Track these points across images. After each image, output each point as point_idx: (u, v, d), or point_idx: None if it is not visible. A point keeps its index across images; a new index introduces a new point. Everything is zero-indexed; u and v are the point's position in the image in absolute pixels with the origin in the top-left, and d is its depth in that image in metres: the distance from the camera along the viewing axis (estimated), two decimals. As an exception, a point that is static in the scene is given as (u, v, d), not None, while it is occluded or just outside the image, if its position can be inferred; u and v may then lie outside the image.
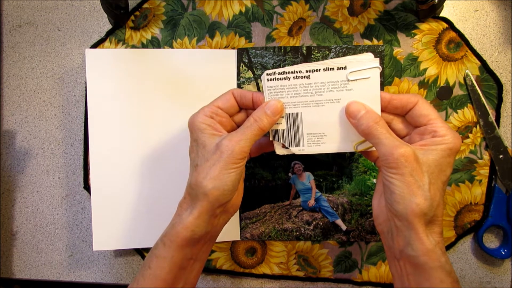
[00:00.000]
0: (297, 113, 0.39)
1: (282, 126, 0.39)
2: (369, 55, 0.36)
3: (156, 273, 0.36)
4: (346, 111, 0.37)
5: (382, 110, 0.37)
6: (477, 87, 0.49)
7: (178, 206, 0.38)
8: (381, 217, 0.36)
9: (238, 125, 0.40)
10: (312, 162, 0.50)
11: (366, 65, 0.36)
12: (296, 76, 0.37)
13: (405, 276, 0.34)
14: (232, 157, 0.35)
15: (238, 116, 0.40)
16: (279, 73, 0.38)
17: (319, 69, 0.37)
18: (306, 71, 0.37)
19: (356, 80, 0.37)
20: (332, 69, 0.37)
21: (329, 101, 0.38)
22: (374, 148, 0.38)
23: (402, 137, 0.37)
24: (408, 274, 0.34)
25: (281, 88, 0.38)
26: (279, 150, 0.41)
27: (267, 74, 0.38)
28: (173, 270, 0.36)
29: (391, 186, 0.33)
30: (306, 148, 0.40)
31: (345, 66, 0.36)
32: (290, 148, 0.40)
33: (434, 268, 0.32)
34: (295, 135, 0.39)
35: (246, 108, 0.40)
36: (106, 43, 0.51)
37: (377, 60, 0.36)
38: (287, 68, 0.37)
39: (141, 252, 0.52)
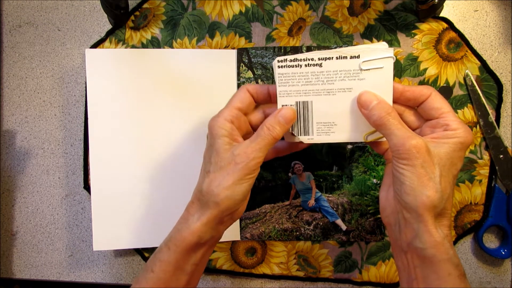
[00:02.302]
0: (307, 102, 0.38)
1: None
2: (383, 44, 0.36)
3: (159, 276, 0.36)
4: (358, 101, 0.37)
5: (394, 101, 0.37)
6: (477, 87, 0.49)
7: (185, 210, 0.38)
8: (388, 209, 0.36)
9: (254, 128, 0.40)
10: (312, 162, 0.50)
11: (379, 54, 0.36)
12: (308, 64, 0.37)
13: (412, 269, 0.34)
14: (247, 168, 0.35)
15: (255, 117, 0.40)
16: (291, 60, 0.37)
17: (332, 57, 0.36)
18: (318, 59, 0.37)
19: (369, 69, 0.36)
20: (345, 57, 0.36)
21: (341, 90, 0.37)
22: (384, 139, 0.38)
23: (413, 130, 0.37)
24: (415, 267, 0.33)
25: (292, 76, 0.38)
26: (288, 138, 0.40)
27: (278, 61, 0.37)
28: (176, 273, 0.36)
29: (402, 177, 0.32)
30: (316, 137, 0.39)
31: (358, 55, 0.36)
32: (299, 136, 0.40)
33: (442, 260, 0.32)
34: (304, 123, 0.39)
35: (263, 102, 0.40)
36: (106, 43, 0.51)
37: (392, 49, 0.35)
38: (299, 55, 0.37)
39: (141, 252, 0.52)
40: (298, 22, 0.51)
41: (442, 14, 0.50)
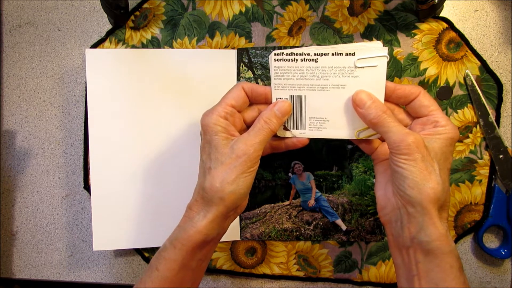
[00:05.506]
0: (301, 96, 0.39)
1: None
2: (378, 43, 0.37)
3: (164, 275, 0.36)
4: (353, 100, 0.37)
5: (386, 99, 0.37)
6: (477, 87, 0.49)
7: (188, 208, 0.38)
8: (388, 207, 0.36)
9: (247, 124, 0.40)
10: (312, 162, 0.50)
11: (374, 53, 0.36)
12: (304, 59, 0.38)
13: (413, 265, 0.34)
14: (249, 161, 0.35)
15: (249, 115, 0.40)
16: (287, 54, 0.38)
17: (328, 53, 0.37)
18: (315, 54, 0.37)
19: (363, 67, 0.37)
20: (341, 54, 0.37)
21: (335, 86, 0.38)
22: (375, 137, 0.39)
23: None
24: (417, 262, 0.34)
25: (288, 69, 0.38)
26: (280, 132, 0.40)
27: (275, 54, 0.38)
28: (182, 271, 0.36)
29: (405, 172, 0.33)
30: (308, 132, 0.40)
31: (354, 53, 0.37)
32: (292, 130, 0.40)
33: (446, 253, 0.32)
34: (297, 117, 0.40)
35: (258, 103, 0.40)
36: (106, 43, 0.51)
37: (386, 49, 0.36)
38: (296, 50, 0.37)
39: (141, 252, 0.52)
40: (298, 22, 0.51)
41: (442, 14, 0.50)
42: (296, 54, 0.37)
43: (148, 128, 0.49)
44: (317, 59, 0.37)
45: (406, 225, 0.34)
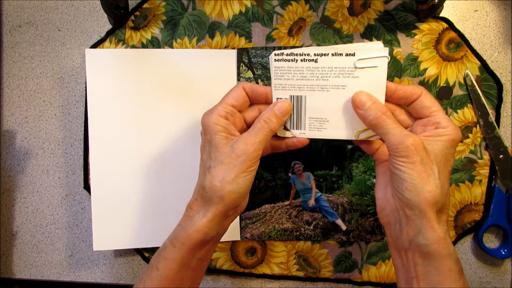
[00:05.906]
0: (301, 96, 0.39)
1: None
2: (379, 44, 0.36)
3: (164, 274, 0.36)
4: (353, 101, 0.37)
5: (387, 100, 0.37)
6: (477, 87, 0.49)
7: (188, 207, 0.38)
8: (388, 208, 0.36)
9: (248, 124, 0.40)
10: (312, 162, 0.50)
11: (375, 53, 0.36)
12: (304, 59, 0.38)
13: (412, 267, 0.34)
14: (248, 160, 0.35)
15: (250, 115, 0.40)
16: (287, 54, 0.38)
17: (328, 54, 0.37)
18: (314, 55, 0.37)
19: (363, 68, 0.37)
20: (341, 54, 0.37)
21: (335, 86, 0.38)
22: (375, 138, 0.39)
23: (405, 128, 0.38)
24: (415, 265, 0.34)
25: (288, 70, 0.38)
26: (281, 132, 0.41)
27: (275, 55, 0.38)
28: (182, 270, 0.36)
29: (402, 175, 0.33)
30: (307, 132, 0.40)
31: (354, 53, 0.36)
32: (292, 130, 0.40)
33: (444, 256, 0.32)
34: (297, 118, 0.40)
35: (258, 103, 0.40)
36: (106, 43, 0.51)
37: (386, 49, 0.36)
38: (296, 50, 0.37)
39: (141, 252, 0.52)
40: (298, 22, 0.51)
41: (442, 14, 0.50)
42: (296, 55, 0.38)
43: (148, 128, 0.49)
44: (317, 59, 0.37)
45: (404, 228, 0.34)
